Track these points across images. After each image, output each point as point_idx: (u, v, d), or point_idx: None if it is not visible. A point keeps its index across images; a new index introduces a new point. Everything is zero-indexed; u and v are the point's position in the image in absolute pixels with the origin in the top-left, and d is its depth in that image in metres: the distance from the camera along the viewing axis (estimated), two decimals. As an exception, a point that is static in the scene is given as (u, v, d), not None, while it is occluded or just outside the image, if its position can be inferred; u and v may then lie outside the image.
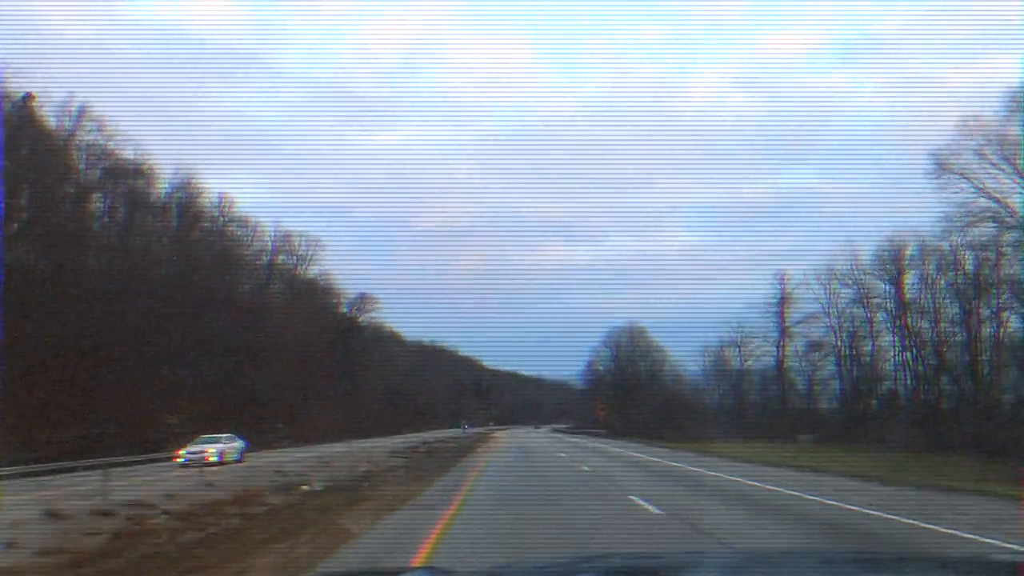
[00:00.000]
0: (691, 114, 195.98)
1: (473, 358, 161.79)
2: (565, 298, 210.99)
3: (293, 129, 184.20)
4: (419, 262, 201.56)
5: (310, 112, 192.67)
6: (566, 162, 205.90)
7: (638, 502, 15.23)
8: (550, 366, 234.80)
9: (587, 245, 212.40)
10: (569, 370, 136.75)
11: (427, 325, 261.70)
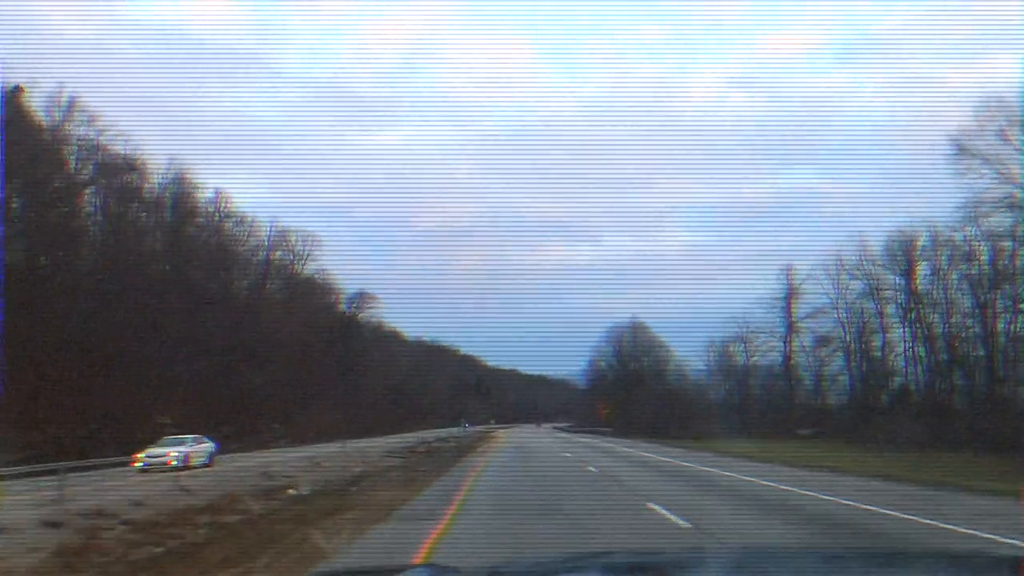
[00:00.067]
0: (691, 114, 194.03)
1: (474, 357, 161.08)
2: (565, 298, 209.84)
3: (293, 129, 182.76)
4: (419, 261, 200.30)
5: (310, 112, 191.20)
6: (566, 162, 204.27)
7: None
8: (551, 365, 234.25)
9: (587, 245, 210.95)
10: (570, 369, 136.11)
11: (428, 324, 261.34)
